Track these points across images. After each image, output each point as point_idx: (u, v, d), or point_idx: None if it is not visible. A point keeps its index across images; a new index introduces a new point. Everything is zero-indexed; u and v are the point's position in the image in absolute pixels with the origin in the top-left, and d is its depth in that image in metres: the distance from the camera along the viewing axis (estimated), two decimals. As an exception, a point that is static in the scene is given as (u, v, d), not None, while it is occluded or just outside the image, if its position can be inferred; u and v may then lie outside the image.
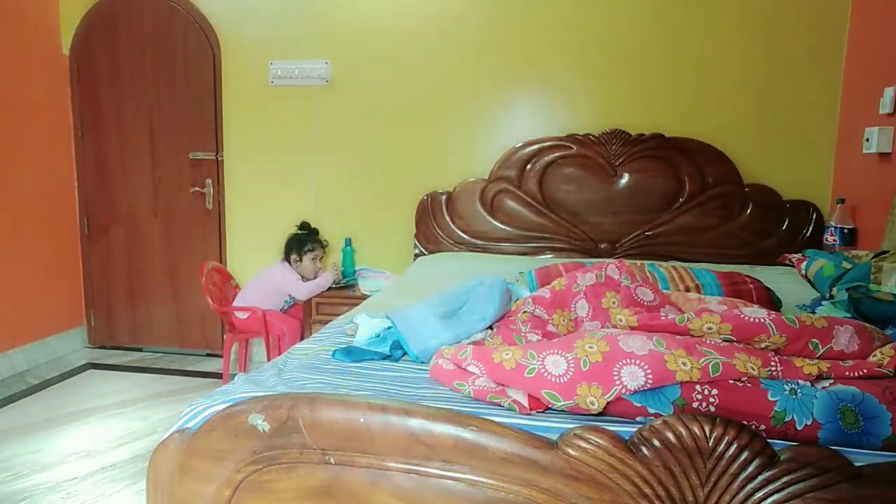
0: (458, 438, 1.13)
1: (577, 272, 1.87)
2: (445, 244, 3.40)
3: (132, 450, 2.61)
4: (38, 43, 3.67)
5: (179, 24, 3.67)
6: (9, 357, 3.49)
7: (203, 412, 1.32)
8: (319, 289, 3.29)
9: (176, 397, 3.19)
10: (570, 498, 1.09)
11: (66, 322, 3.93)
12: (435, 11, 3.42)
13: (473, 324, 1.74)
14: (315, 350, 1.76)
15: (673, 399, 1.18)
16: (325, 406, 1.20)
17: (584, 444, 1.08)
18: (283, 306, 3.42)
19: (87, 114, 3.86)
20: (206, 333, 3.88)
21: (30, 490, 2.29)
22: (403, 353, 1.72)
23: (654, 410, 1.18)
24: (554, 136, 3.29)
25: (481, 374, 1.33)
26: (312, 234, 3.46)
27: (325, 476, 1.21)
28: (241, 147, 3.72)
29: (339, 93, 3.56)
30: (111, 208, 3.91)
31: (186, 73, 3.70)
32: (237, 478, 1.25)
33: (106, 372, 3.60)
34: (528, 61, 3.37)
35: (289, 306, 3.45)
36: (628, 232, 3.20)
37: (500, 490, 1.12)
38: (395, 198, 3.57)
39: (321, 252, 3.44)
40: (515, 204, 3.32)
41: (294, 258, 3.36)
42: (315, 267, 3.40)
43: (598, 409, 1.20)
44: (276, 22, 3.59)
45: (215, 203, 3.76)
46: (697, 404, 1.16)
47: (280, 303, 3.40)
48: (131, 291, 3.95)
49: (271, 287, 3.35)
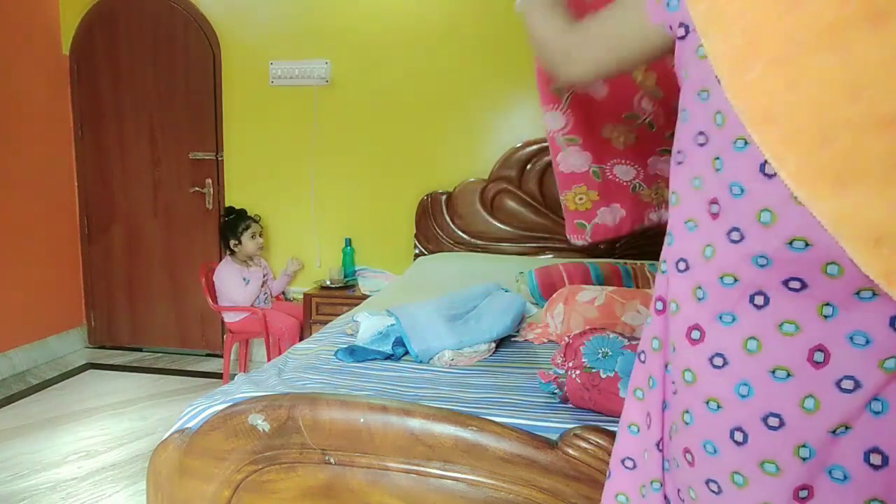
0: (458, 438, 1.13)
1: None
2: (445, 244, 3.40)
3: (132, 450, 2.60)
4: (38, 43, 3.67)
5: (179, 24, 3.67)
6: (9, 357, 3.49)
7: (203, 412, 1.33)
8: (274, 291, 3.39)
9: (176, 397, 3.18)
10: (570, 498, 1.09)
11: (66, 322, 3.93)
12: (435, 11, 3.42)
13: (480, 334, 1.73)
14: (315, 350, 1.76)
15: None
16: (325, 406, 1.20)
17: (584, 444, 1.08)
18: (261, 296, 3.38)
19: (87, 114, 3.85)
20: (206, 333, 3.88)
21: (30, 490, 2.29)
22: (406, 351, 1.72)
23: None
24: (554, 136, 3.29)
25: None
26: (241, 214, 3.42)
27: (325, 476, 1.21)
28: (241, 147, 3.71)
29: (339, 93, 3.56)
30: (111, 208, 3.91)
31: (186, 73, 3.70)
32: (237, 478, 1.25)
33: (106, 372, 3.60)
34: (527, 61, 3.35)
35: (266, 295, 3.41)
36: (628, 232, 3.19)
37: (500, 490, 1.12)
38: (395, 198, 3.56)
39: (258, 227, 3.41)
40: (515, 204, 3.32)
41: (234, 243, 3.33)
42: (257, 244, 3.37)
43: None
44: (276, 22, 3.58)
45: (215, 203, 3.76)
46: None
47: (251, 298, 3.33)
48: (131, 291, 3.95)
49: (226, 291, 3.33)
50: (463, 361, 1.66)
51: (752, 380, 0.71)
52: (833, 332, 0.67)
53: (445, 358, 1.65)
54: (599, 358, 1.30)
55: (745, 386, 0.71)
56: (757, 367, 0.70)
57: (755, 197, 0.69)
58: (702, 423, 0.75)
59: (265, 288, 3.41)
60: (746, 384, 0.71)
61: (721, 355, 0.73)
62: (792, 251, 0.67)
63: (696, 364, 0.76)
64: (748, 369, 0.71)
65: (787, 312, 0.69)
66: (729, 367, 0.73)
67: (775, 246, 0.68)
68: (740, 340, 0.72)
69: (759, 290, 0.70)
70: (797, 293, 0.68)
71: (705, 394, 0.75)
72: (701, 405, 0.75)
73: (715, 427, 0.74)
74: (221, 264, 3.39)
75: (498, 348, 1.78)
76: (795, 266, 0.68)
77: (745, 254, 0.71)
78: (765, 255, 0.69)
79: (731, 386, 0.72)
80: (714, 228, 0.74)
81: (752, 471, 0.71)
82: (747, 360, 0.71)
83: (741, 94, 0.66)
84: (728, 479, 0.73)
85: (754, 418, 0.70)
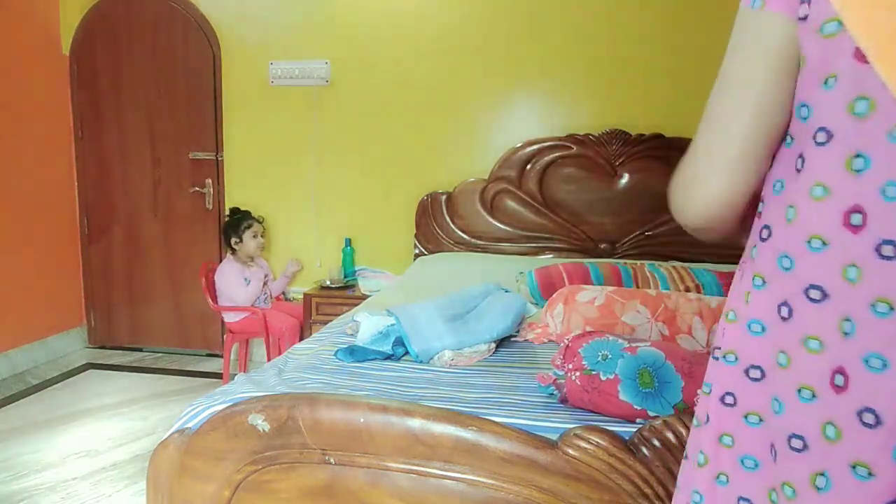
0: (458, 438, 1.13)
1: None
2: (445, 244, 3.40)
3: (132, 450, 2.60)
4: (38, 43, 3.67)
5: (179, 24, 3.67)
6: (9, 357, 3.49)
7: (203, 412, 1.33)
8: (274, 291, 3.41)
9: (176, 397, 3.18)
10: (570, 498, 1.09)
11: (66, 322, 3.93)
12: (435, 11, 3.42)
13: (480, 334, 1.73)
14: (315, 350, 1.76)
15: (674, 403, 1.18)
16: (325, 406, 1.20)
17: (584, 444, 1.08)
18: (261, 296, 3.37)
19: (87, 114, 3.85)
20: (206, 333, 3.88)
21: (30, 490, 2.29)
22: (406, 351, 1.72)
23: (654, 413, 1.18)
24: (554, 136, 3.29)
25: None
26: (245, 214, 3.43)
27: (325, 476, 1.21)
28: (241, 147, 3.71)
29: (339, 93, 3.56)
30: (111, 208, 3.91)
31: (186, 73, 3.70)
32: (237, 478, 1.25)
33: (106, 372, 3.60)
34: (527, 61, 3.36)
35: (266, 296, 3.41)
36: (628, 232, 3.20)
37: (500, 490, 1.12)
38: (394, 198, 3.56)
39: (260, 227, 3.42)
40: (515, 204, 3.32)
41: (235, 242, 3.34)
42: (258, 243, 3.38)
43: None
44: (276, 22, 3.58)
45: (215, 203, 3.76)
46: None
47: (252, 298, 3.33)
48: (131, 291, 3.95)
49: (227, 290, 3.33)
50: (463, 361, 1.66)
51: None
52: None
53: (445, 358, 1.65)
54: (599, 360, 1.30)
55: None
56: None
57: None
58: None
59: (266, 288, 3.41)
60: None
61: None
62: None
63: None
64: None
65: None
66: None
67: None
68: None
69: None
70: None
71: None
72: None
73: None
74: (223, 263, 3.39)
75: (498, 348, 1.78)
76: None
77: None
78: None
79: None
80: (857, 243, 0.61)
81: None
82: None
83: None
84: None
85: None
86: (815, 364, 0.64)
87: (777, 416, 0.67)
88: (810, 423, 0.64)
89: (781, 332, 0.67)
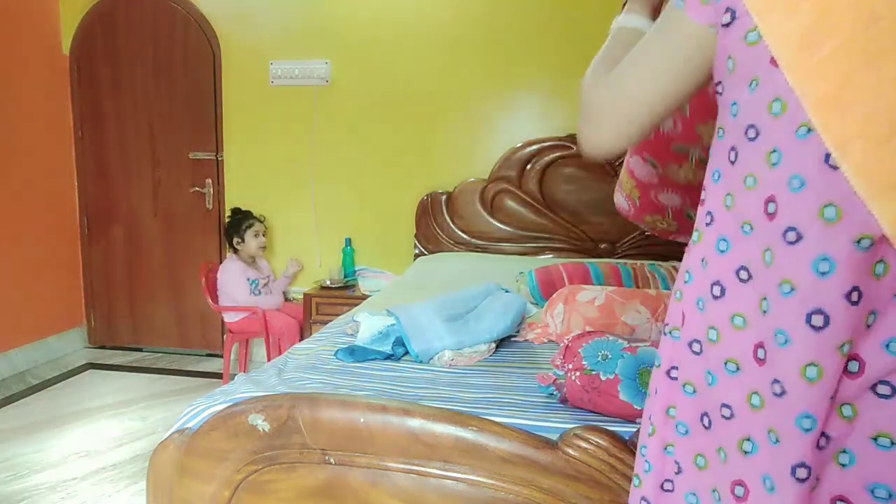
0: (458, 438, 1.13)
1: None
2: (445, 244, 3.40)
3: (132, 450, 2.60)
4: (38, 43, 3.67)
5: (179, 24, 3.67)
6: (9, 357, 3.49)
7: (203, 412, 1.33)
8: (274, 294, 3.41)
9: (176, 397, 3.18)
10: (570, 498, 1.09)
11: (66, 322, 3.93)
12: (434, 11, 3.41)
13: (480, 334, 1.73)
14: (315, 350, 1.76)
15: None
16: (325, 406, 1.20)
17: (584, 444, 1.08)
18: (255, 291, 3.37)
19: (87, 114, 3.85)
20: (206, 333, 3.88)
21: (30, 490, 2.29)
22: (405, 351, 1.72)
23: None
24: (554, 136, 3.29)
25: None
26: (247, 214, 3.43)
27: (325, 476, 1.21)
28: (241, 147, 3.71)
29: (339, 93, 3.56)
30: (111, 208, 3.91)
31: (186, 73, 3.70)
32: (237, 478, 1.25)
33: (106, 372, 3.60)
34: (527, 61, 3.36)
35: (255, 287, 3.38)
36: (628, 232, 3.20)
37: (500, 490, 1.12)
38: (395, 198, 3.56)
39: (261, 227, 3.42)
40: (515, 204, 3.32)
41: (236, 241, 3.35)
42: (259, 242, 3.38)
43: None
44: (276, 22, 3.58)
45: (215, 203, 3.76)
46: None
47: (246, 294, 3.32)
48: (131, 291, 3.95)
49: (229, 289, 3.33)
50: (463, 361, 1.66)
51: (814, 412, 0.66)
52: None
53: (445, 358, 1.65)
54: (599, 360, 1.30)
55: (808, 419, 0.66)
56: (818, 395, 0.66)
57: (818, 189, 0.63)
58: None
59: (266, 289, 3.41)
60: (810, 415, 0.66)
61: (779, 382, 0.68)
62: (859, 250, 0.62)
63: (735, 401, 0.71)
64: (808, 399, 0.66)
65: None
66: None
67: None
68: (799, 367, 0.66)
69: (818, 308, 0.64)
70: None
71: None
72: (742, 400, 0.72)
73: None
74: (226, 262, 3.39)
75: (498, 348, 1.78)
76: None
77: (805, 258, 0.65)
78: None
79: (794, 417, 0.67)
80: (771, 229, 0.67)
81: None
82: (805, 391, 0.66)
83: (808, 76, 0.61)
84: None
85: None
86: (739, 339, 0.71)
87: (710, 387, 0.74)
88: (738, 393, 0.71)
89: (714, 309, 0.74)
